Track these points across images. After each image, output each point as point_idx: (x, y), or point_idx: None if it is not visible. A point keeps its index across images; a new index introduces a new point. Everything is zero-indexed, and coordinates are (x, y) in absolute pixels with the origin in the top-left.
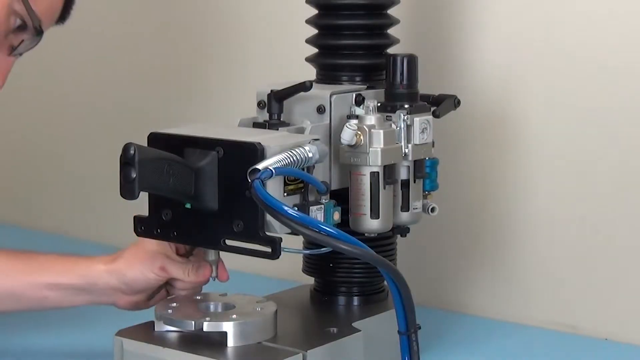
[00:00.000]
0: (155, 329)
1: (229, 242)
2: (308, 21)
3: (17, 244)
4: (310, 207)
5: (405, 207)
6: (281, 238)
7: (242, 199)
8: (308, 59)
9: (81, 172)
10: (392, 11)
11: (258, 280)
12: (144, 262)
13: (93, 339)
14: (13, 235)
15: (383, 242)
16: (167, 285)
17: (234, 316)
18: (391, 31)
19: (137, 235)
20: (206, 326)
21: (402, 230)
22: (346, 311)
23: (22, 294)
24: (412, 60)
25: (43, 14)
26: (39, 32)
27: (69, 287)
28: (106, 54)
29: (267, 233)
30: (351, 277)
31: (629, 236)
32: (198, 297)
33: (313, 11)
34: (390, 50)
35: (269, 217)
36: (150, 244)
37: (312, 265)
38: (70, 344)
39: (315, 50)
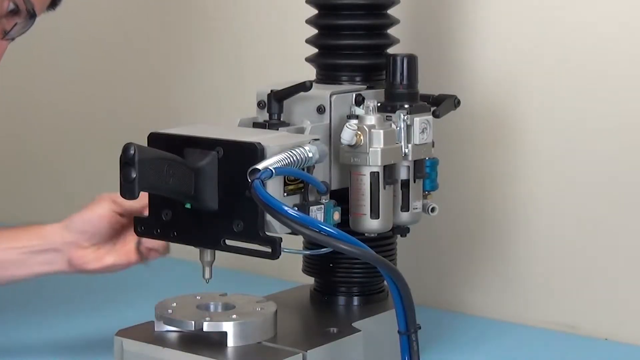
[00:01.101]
0: (155, 329)
1: (229, 242)
2: (308, 21)
3: None
4: (310, 207)
5: (405, 207)
6: (281, 238)
7: (242, 199)
8: (308, 59)
9: (81, 172)
10: (392, 11)
11: (258, 280)
12: (94, 204)
13: (93, 339)
14: None
15: (383, 242)
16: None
17: (234, 316)
18: (391, 31)
19: (137, 236)
20: (206, 326)
21: (402, 230)
22: (346, 311)
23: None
24: (412, 60)
25: None
26: (32, 15)
27: (26, 248)
28: (106, 54)
29: (267, 233)
30: (351, 277)
31: (629, 236)
32: (198, 297)
33: (313, 11)
34: (390, 50)
35: (269, 217)
36: (98, 204)
37: (312, 265)
38: (70, 344)
39: (315, 50)
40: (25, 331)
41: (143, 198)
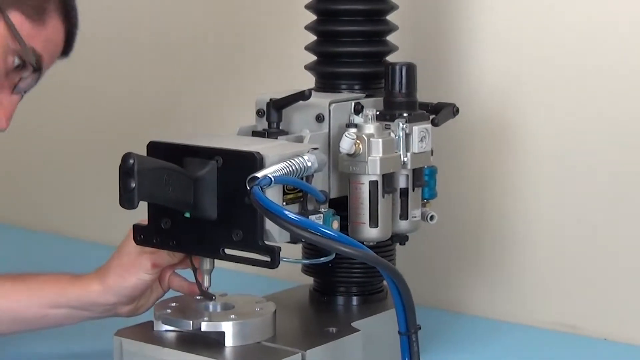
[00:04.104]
0: (154, 329)
1: (228, 251)
2: (307, 27)
3: (17, 244)
4: (310, 217)
5: (404, 215)
6: (280, 247)
7: (242, 208)
8: (307, 67)
9: (81, 172)
10: (391, 17)
11: (257, 281)
12: (134, 267)
13: (93, 339)
14: (14, 235)
15: (381, 244)
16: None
17: (233, 316)
18: (390, 38)
19: (137, 244)
20: (204, 326)
21: (401, 238)
22: (345, 311)
23: (22, 314)
24: (410, 68)
25: (42, 49)
26: (36, 69)
27: (68, 307)
28: (108, 59)
29: (267, 242)
30: (350, 277)
31: (628, 236)
32: (198, 297)
33: (312, 18)
34: (389, 58)
35: (268, 226)
36: (130, 247)
37: (311, 265)
38: (70, 344)
39: (314, 57)
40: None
41: (178, 254)
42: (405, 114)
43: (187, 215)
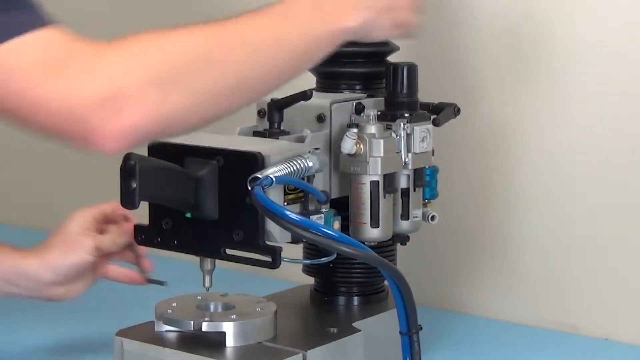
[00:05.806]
0: (155, 329)
1: (229, 251)
2: None
3: (17, 244)
4: (311, 217)
5: (405, 215)
6: (281, 247)
7: (243, 208)
8: None
9: (81, 172)
10: None
11: (258, 281)
12: (77, 246)
13: (93, 339)
14: (14, 235)
15: (383, 244)
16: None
17: (234, 316)
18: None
19: (138, 244)
20: (205, 326)
21: (402, 238)
22: (346, 311)
23: None
24: (412, 69)
25: None
26: None
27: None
28: None
29: (267, 242)
30: (351, 277)
31: (628, 236)
32: (198, 297)
33: None
34: (391, 58)
35: (269, 226)
36: (73, 226)
37: (312, 265)
38: (70, 344)
39: None
40: (27, 331)
41: (119, 237)
42: (406, 114)
43: (188, 215)
